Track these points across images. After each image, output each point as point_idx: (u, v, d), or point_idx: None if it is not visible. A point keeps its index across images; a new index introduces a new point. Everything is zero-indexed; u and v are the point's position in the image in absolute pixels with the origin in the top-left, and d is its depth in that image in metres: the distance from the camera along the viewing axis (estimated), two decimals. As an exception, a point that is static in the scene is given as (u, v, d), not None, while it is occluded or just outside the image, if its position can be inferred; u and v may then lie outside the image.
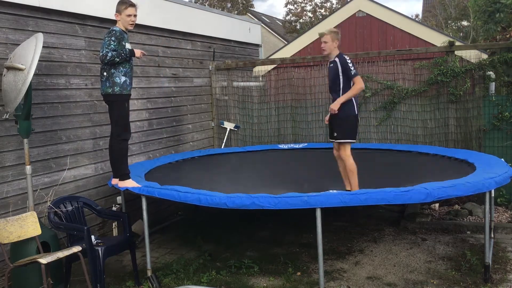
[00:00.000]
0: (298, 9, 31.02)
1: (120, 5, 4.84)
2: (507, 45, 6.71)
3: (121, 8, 4.83)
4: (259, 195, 4.15)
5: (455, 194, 4.14)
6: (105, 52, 4.64)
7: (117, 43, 4.71)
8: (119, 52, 4.66)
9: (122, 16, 4.83)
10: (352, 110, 5.06)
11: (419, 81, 7.20)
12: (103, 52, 4.66)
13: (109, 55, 4.62)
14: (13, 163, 4.81)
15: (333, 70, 5.10)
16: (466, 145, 6.86)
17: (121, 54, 4.67)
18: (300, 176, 5.52)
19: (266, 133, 8.14)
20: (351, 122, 5.08)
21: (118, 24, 4.86)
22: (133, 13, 4.86)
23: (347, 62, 5.01)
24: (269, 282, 4.65)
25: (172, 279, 4.76)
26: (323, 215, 4.06)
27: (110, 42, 4.68)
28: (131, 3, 4.85)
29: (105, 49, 4.66)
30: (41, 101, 5.11)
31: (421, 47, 8.73)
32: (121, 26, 4.85)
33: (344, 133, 5.06)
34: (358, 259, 5.15)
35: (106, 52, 4.64)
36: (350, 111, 5.05)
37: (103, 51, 4.67)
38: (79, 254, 4.20)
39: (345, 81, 5.04)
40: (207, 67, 8.09)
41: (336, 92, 5.10)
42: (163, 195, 4.54)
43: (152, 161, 6.39)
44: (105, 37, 4.73)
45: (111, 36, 4.70)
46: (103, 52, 4.66)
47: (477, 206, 6.43)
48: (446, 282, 4.46)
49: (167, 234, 6.34)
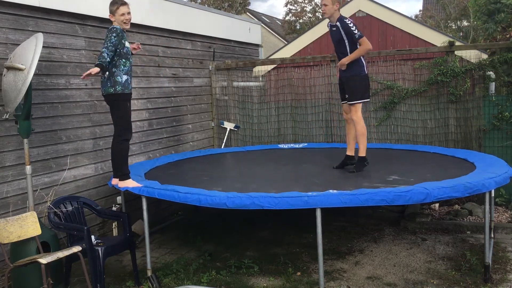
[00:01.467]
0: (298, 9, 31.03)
1: (112, 6, 4.84)
2: (507, 45, 6.71)
3: (113, 9, 4.83)
4: (259, 195, 4.14)
5: (455, 195, 4.13)
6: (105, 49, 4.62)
7: (118, 40, 4.71)
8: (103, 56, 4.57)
9: (116, 16, 4.83)
10: (362, 70, 5.08)
11: (419, 81, 7.20)
12: (103, 49, 4.64)
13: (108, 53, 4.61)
14: (13, 163, 4.81)
15: (337, 34, 5.12)
16: (466, 145, 6.86)
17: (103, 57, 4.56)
18: (300, 175, 5.51)
19: (266, 133, 8.14)
20: (360, 82, 5.08)
21: (114, 23, 4.86)
22: (126, 11, 4.83)
23: (349, 26, 5.01)
24: (269, 282, 4.65)
25: (172, 279, 4.76)
26: (323, 215, 4.06)
27: (110, 37, 4.68)
28: (122, 1, 4.83)
29: (107, 43, 4.65)
30: (41, 101, 5.11)
31: (421, 47, 8.73)
32: (117, 24, 4.86)
33: (355, 94, 5.05)
34: (358, 259, 5.15)
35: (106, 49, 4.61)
36: (360, 71, 5.05)
37: (103, 48, 4.66)
38: (79, 254, 4.20)
39: (350, 43, 5.08)
40: (207, 67, 8.09)
41: (344, 54, 5.12)
42: (163, 195, 4.53)
43: (152, 161, 6.39)
44: (107, 34, 4.74)
45: (112, 32, 4.71)
46: (103, 48, 4.65)
47: (477, 206, 6.43)
48: (446, 282, 4.46)
49: (167, 234, 6.34)
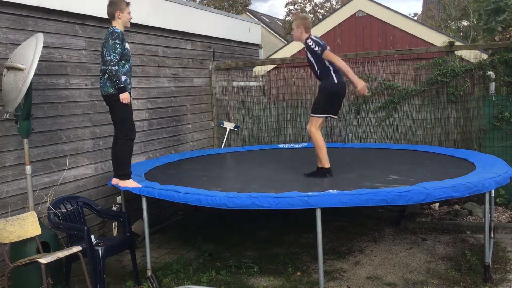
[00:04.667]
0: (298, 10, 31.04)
1: (121, 3, 4.86)
2: (507, 45, 6.71)
3: (123, 6, 4.86)
4: (259, 195, 4.14)
5: (455, 195, 4.14)
6: (113, 58, 4.63)
7: (122, 46, 4.72)
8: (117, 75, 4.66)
9: (124, 14, 4.86)
10: (328, 84, 5.01)
11: (419, 81, 7.20)
12: (110, 57, 4.63)
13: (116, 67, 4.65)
14: (13, 163, 4.81)
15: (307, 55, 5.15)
16: (466, 145, 6.86)
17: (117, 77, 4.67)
18: (300, 175, 5.51)
19: (266, 133, 8.15)
20: (323, 96, 5.03)
21: (117, 23, 4.85)
22: (130, 10, 4.96)
23: (309, 45, 5.04)
24: (269, 282, 4.65)
25: (172, 279, 4.76)
26: (323, 215, 4.06)
27: (115, 45, 4.66)
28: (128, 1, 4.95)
29: (112, 53, 4.63)
30: (41, 101, 5.11)
31: (421, 47, 8.74)
32: (120, 25, 4.86)
33: (315, 106, 5.05)
34: (358, 259, 5.16)
35: (114, 59, 4.63)
36: (326, 86, 5.00)
37: (110, 55, 4.63)
38: (79, 254, 4.20)
39: (317, 62, 5.06)
40: (207, 67, 8.10)
41: (316, 74, 5.13)
42: (163, 195, 4.53)
43: (152, 161, 6.39)
44: (108, 39, 4.67)
45: (115, 39, 4.67)
46: (111, 57, 4.63)
47: (477, 206, 6.43)
48: (446, 282, 4.46)
49: (167, 234, 6.34)
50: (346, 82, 5.26)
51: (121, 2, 4.86)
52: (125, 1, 4.89)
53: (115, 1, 4.87)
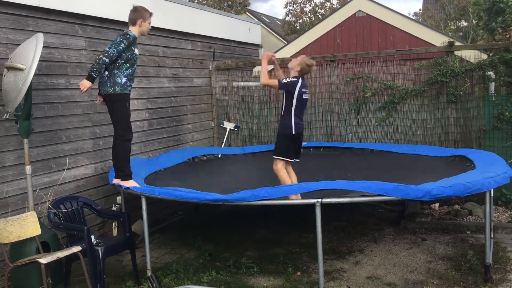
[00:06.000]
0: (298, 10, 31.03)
1: (145, 12, 4.90)
2: (507, 45, 6.71)
3: (146, 16, 4.91)
4: (258, 189, 4.22)
5: (454, 194, 4.14)
6: (111, 52, 4.64)
7: (127, 47, 4.73)
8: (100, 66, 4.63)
9: (145, 23, 4.90)
10: (288, 129, 4.93)
11: (419, 81, 7.20)
12: (109, 50, 4.65)
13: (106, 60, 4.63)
14: (13, 163, 4.81)
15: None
16: (466, 145, 6.86)
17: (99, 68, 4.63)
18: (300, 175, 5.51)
19: (266, 133, 8.14)
20: (283, 140, 4.96)
21: (134, 29, 4.86)
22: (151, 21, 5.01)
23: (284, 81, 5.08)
24: (269, 282, 4.65)
25: (172, 279, 4.76)
26: (322, 214, 4.07)
27: (121, 43, 4.68)
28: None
29: (112, 47, 4.66)
30: (41, 101, 5.11)
31: (421, 47, 8.74)
32: (137, 32, 4.87)
33: (276, 148, 4.99)
34: (358, 259, 5.15)
35: (111, 53, 4.64)
36: (286, 129, 4.94)
37: (110, 48, 4.66)
38: (79, 254, 4.20)
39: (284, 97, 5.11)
40: (207, 67, 8.10)
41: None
42: (163, 194, 4.54)
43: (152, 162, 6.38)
44: (118, 36, 4.74)
45: (123, 39, 4.71)
46: (110, 50, 4.65)
47: (477, 206, 6.43)
48: (446, 282, 4.46)
49: (167, 234, 6.34)
50: (346, 82, 5.26)
51: (146, 11, 4.90)
52: (149, 11, 4.93)
53: (140, 9, 4.89)
